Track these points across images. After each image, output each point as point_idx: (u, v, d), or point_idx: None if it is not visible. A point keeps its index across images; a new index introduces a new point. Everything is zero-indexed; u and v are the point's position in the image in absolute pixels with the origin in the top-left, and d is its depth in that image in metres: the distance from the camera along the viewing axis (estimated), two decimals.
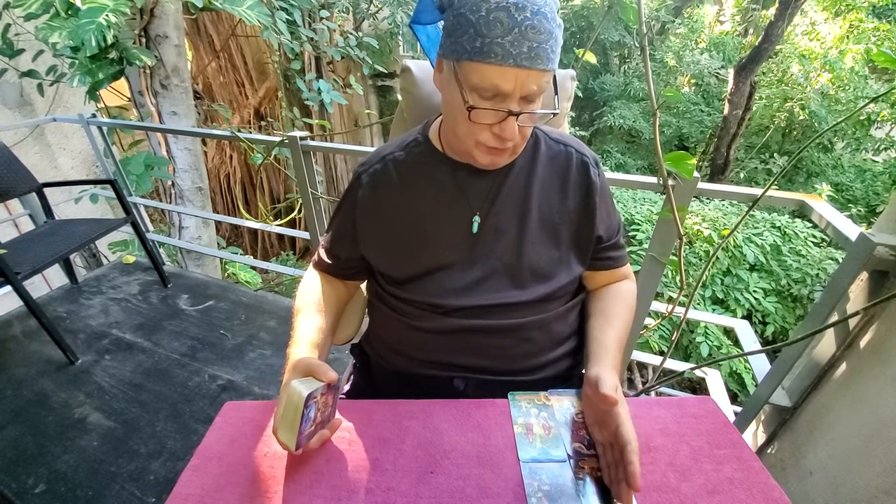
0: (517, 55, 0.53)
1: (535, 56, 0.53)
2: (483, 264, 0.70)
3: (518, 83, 0.55)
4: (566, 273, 0.72)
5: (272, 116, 5.03)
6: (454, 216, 0.70)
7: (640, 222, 4.30)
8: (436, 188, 0.70)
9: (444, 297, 0.69)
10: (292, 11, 3.42)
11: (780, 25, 5.30)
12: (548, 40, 0.54)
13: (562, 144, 0.73)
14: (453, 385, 0.72)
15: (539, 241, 0.70)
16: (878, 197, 5.85)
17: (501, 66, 0.54)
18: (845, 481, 0.93)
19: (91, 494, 1.22)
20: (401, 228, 0.71)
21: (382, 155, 0.74)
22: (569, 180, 0.71)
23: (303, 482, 0.54)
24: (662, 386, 1.85)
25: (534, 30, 0.52)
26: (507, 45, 0.52)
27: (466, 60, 0.56)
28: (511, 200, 0.69)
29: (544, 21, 0.53)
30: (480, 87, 0.56)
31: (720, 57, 7.99)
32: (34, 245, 1.68)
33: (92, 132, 2.22)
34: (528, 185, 0.70)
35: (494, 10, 0.52)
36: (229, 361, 1.73)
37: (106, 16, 1.85)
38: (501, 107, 0.57)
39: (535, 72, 0.55)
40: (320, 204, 1.79)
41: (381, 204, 0.72)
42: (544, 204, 0.70)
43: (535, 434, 0.60)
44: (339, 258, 0.78)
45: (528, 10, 0.52)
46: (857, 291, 1.02)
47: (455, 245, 0.70)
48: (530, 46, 0.53)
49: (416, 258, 0.71)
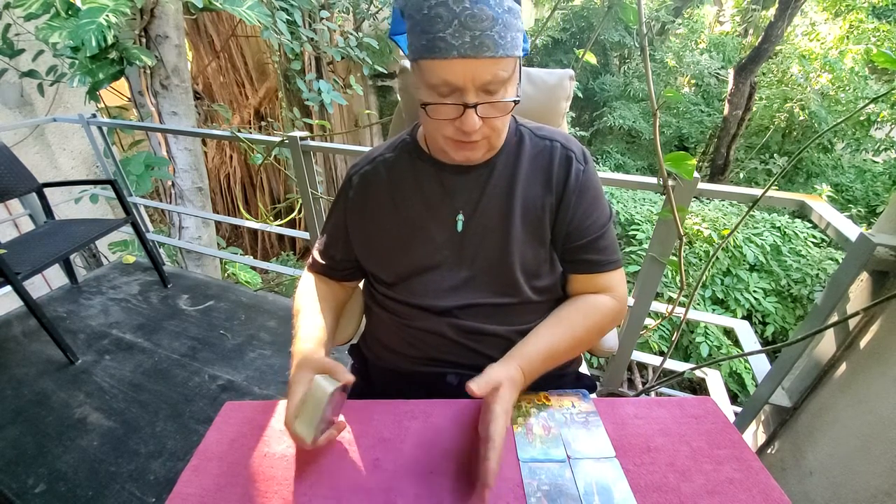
0: (460, 46, 0.52)
1: (480, 44, 0.52)
2: (470, 264, 0.70)
3: (468, 74, 0.54)
4: (551, 273, 0.71)
5: (272, 117, 5.03)
6: (440, 216, 0.70)
7: (640, 222, 4.30)
8: (422, 189, 0.71)
9: (433, 297, 0.70)
10: (292, 11, 3.43)
11: (780, 26, 5.30)
12: (492, 27, 0.52)
13: (547, 140, 0.71)
14: (447, 381, 0.72)
15: (524, 239, 0.69)
16: (878, 197, 5.85)
17: (447, 59, 0.53)
18: (845, 481, 0.93)
19: (91, 494, 1.22)
20: (389, 229, 0.72)
21: (373, 157, 0.75)
22: (552, 176, 0.69)
23: (303, 482, 0.54)
24: (662, 386, 1.85)
25: (474, 18, 0.51)
26: (449, 38, 0.52)
27: (420, 59, 0.56)
28: (496, 199, 0.69)
29: (485, 8, 0.51)
30: (434, 84, 0.56)
31: (720, 57, 7.99)
32: (34, 245, 1.68)
33: (92, 132, 2.22)
34: (511, 183, 0.69)
35: (434, 6, 0.52)
36: (229, 361, 1.73)
37: (106, 16, 1.85)
38: (457, 101, 0.56)
39: (485, 60, 0.53)
40: (320, 204, 1.79)
41: (371, 205, 0.73)
42: (528, 201, 0.69)
43: (535, 434, 0.60)
44: (335, 259, 0.78)
45: (467, 1, 0.51)
46: (857, 291, 1.02)
47: (442, 245, 0.70)
48: (473, 35, 0.52)
49: (404, 259, 0.71)
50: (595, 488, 0.53)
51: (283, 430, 0.60)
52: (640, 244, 4.02)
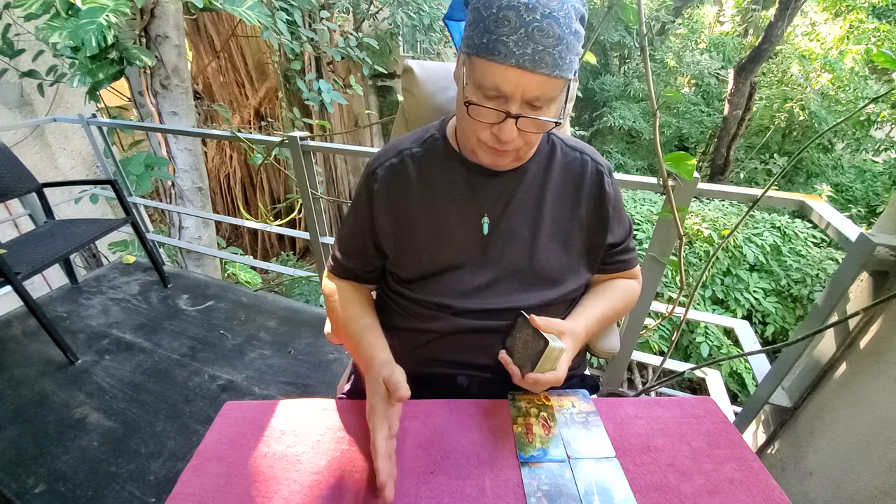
0: (520, 56, 0.52)
1: (539, 59, 0.52)
2: (494, 267, 0.70)
3: (519, 85, 0.54)
4: (575, 279, 0.72)
5: (272, 116, 5.03)
6: (466, 217, 0.69)
7: (640, 222, 4.30)
8: (450, 187, 0.70)
9: (453, 297, 0.69)
10: (292, 12, 3.43)
11: (780, 26, 5.31)
12: (556, 45, 0.52)
13: (577, 152, 0.73)
14: (457, 382, 0.72)
15: (551, 247, 0.70)
16: (878, 197, 5.86)
17: (503, 64, 0.53)
18: (845, 481, 0.93)
19: (91, 494, 1.22)
20: (414, 226, 0.70)
21: (400, 149, 0.72)
22: (583, 188, 0.71)
23: (303, 482, 0.54)
24: (662, 386, 1.85)
25: (541, 32, 0.51)
26: (511, 45, 0.52)
27: (475, 56, 0.56)
28: (525, 205, 0.69)
29: (555, 25, 0.51)
30: (483, 85, 0.56)
31: (720, 57, 8.00)
32: (34, 245, 1.68)
33: (92, 132, 2.22)
34: (542, 191, 0.70)
35: (505, 9, 0.52)
36: (229, 361, 1.73)
37: (106, 16, 1.85)
38: (501, 107, 0.56)
39: (538, 76, 0.53)
40: (320, 204, 1.79)
41: (396, 199, 0.70)
42: (557, 211, 0.70)
43: (535, 434, 0.60)
44: (364, 255, 0.75)
45: (539, 13, 0.51)
46: (857, 291, 1.02)
47: (467, 246, 0.70)
48: (535, 49, 0.52)
49: (429, 257, 0.70)
50: (595, 488, 0.53)
51: (283, 430, 0.61)
52: (641, 244, 4.02)
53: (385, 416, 0.55)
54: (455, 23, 0.66)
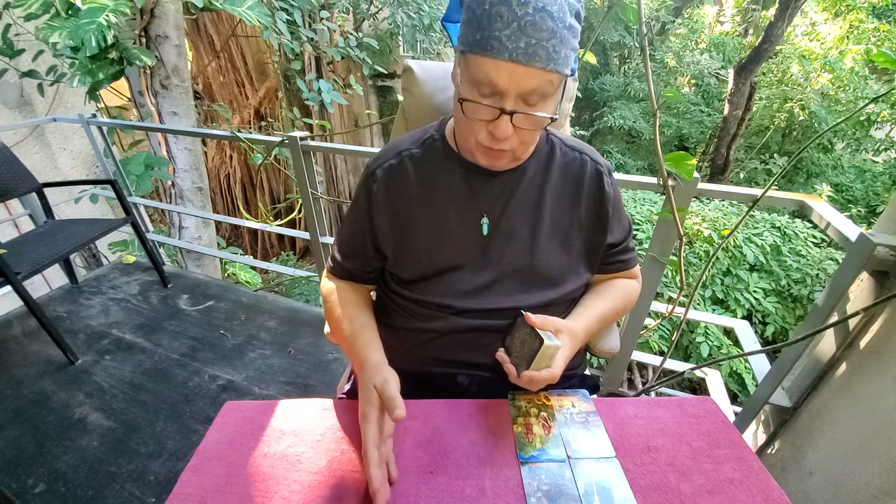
0: (513, 50, 0.52)
1: (533, 53, 0.52)
2: (494, 268, 0.69)
3: (513, 80, 0.54)
4: (574, 280, 0.72)
5: (272, 116, 5.03)
6: (466, 217, 0.69)
7: (640, 222, 4.30)
8: (449, 188, 0.70)
9: (453, 298, 0.69)
10: (292, 12, 3.43)
11: (780, 26, 5.31)
12: (549, 39, 0.52)
13: (577, 151, 0.73)
14: (458, 381, 0.72)
15: (550, 247, 0.70)
16: (878, 197, 5.86)
17: (496, 59, 0.53)
18: (845, 481, 0.93)
19: (91, 494, 1.22)
20: (414, 227, 0.70)
21: (399, 150, 0.72)
22: (582, 188, 0.71)
23: (303, 482, 0.54)
24: (662, 386, 1.85)
25: (534, 26, 0.51)
26: (504, 39, 0.52)
27: (469, 53, 0.56)
28: (524, 205, 0.69)
29: (547, 18, 0.51)
30: (478, 81, 0.56)
31: (720, 57, 8.00)
32: (34, 245, 1.68)
33: (92, 132, 2.22)
34: (541, 191, 0.70)
35: (497, 5, 0.52)
36: (229, 361, 1.73)
37: (106, 16, 1.85)
38: (496, 104, 0.56)
39: (533, 69, 0.53)
40: (320, 204, 1.79)
41: (396, 200, 0.70)
42: (556, 211, 0.70)
43: (535, 434, 0.60)
44: (364, 256, 0.75)
45: (531, 7, 0.51)
46: (857, 291, 1.02)
47: (466, 247, 0.70)
48: (528, 42, 0.52)
49: (428, 258, 0.70)
50: (595, 488, 0.53)
51: (283, 430, 0.60)
52: (641, 244, 4.02)
53: (377, 422, 0.55)
54: (453, 24, 0.66)
